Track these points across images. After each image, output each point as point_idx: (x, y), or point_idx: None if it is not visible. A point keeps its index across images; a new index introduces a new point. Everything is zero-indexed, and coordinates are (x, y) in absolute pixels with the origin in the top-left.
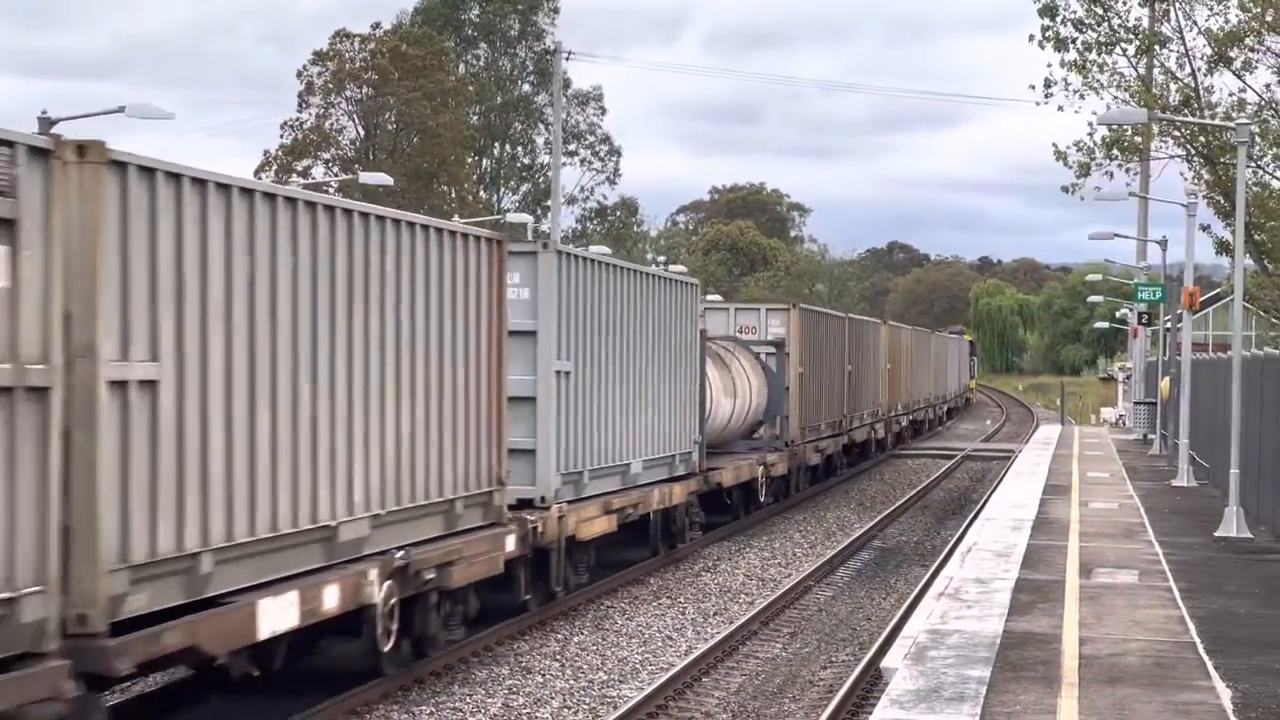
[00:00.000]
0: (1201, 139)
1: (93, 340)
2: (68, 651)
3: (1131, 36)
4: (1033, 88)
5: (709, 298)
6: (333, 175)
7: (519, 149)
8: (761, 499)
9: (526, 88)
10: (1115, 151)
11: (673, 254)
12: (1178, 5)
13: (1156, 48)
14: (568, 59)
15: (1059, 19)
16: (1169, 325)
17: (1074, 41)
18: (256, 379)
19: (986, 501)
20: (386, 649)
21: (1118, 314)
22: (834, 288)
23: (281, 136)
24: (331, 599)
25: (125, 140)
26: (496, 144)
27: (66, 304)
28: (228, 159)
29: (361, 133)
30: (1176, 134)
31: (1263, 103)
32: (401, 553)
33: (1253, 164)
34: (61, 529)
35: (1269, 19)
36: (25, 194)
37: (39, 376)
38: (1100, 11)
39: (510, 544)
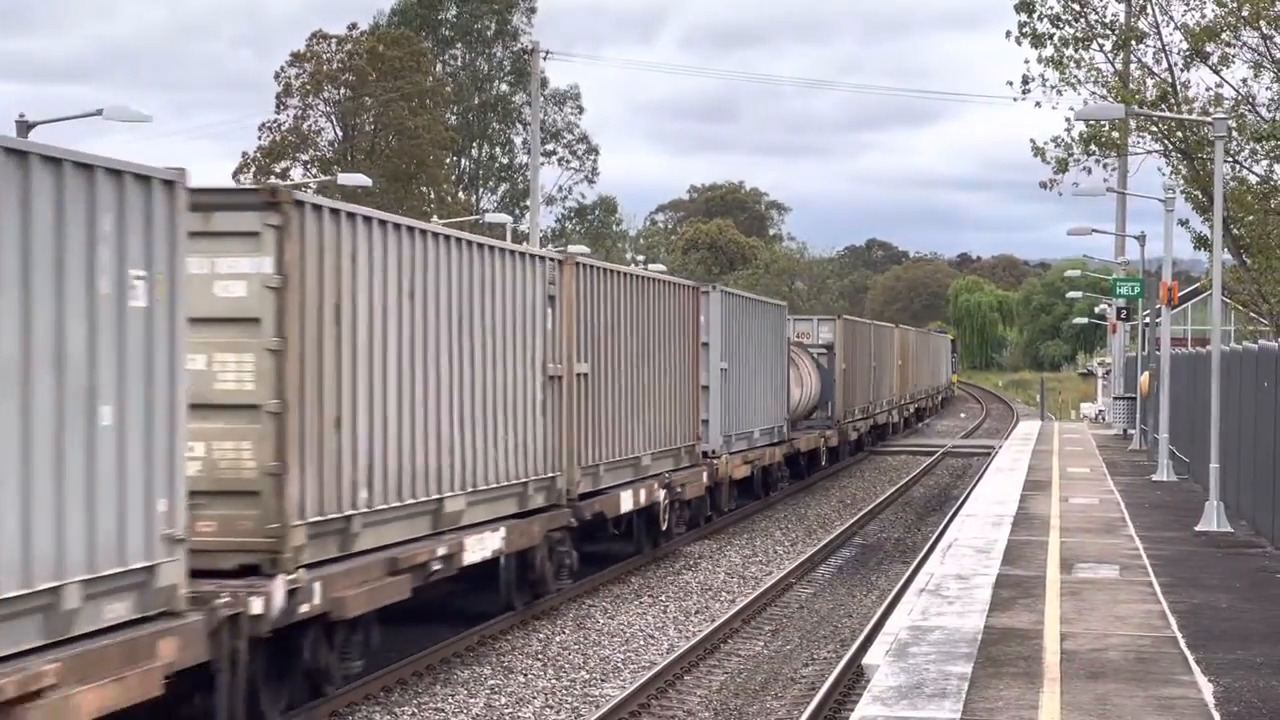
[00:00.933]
0: (1179, 134)
1: (571, 354)
2: (567, 506)
3: (1108, 32)
4: (1010, 84)
5: None
6: (311, 176)
7: (497, 149)
8: (823, 463)
9: (504, 87)
10: (1093, 147)
11: (652, 253)
12: (1154, 1)
13: (1133, 43)
14: (545, 58)
15: (1036, 15)
16: (1148, 320)
17: (1051, 37)
18: (617, 378)
19: (967, 497)
20: (664, 528)
21: (1097, 309)
22: (813, 286)
23: (259, 138)
24: (644, 496)
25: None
26: (475, 144)
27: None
28: (206, 161)
29: (339, 134)
30: (1154, 129)
31: (1239, 97)
32: (667, 475)
33: (1230, 159)
34: (566, 446)
35: (1244, 14)
36: (557, 284)
37: (560, 371)
38: (1077, 7)
39: (705, 477)
